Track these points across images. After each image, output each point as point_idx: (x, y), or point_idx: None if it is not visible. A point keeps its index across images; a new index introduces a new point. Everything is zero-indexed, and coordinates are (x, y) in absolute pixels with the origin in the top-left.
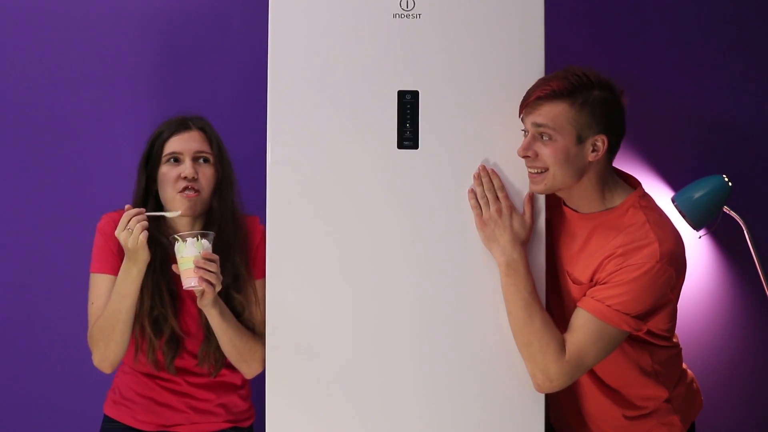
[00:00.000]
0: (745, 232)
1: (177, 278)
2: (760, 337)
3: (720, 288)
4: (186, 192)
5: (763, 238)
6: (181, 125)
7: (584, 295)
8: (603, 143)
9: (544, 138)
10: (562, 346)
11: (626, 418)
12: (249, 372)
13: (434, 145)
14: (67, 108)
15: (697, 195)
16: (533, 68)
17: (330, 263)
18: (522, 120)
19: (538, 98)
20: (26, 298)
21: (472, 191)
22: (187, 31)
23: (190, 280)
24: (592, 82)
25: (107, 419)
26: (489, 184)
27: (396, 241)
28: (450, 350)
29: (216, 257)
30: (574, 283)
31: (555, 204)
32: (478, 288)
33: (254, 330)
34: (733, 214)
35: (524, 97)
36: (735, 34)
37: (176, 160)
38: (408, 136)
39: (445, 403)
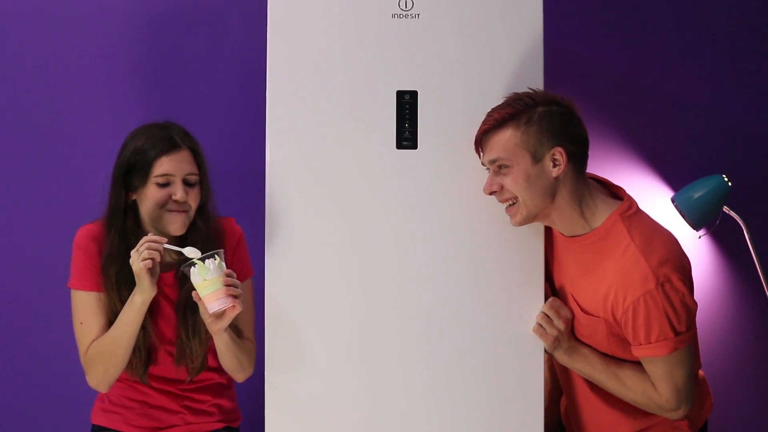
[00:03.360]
0: (745, 232)
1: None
2: (760, 337)
3: (720, 288)
4: (175, 213)
5: (763, 238)
6: (170, 144)
7: (610, 331)
8: (561, 155)
9: (503, 169)
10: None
11: None
12: (243, 376)
13: (433, 145)
14: (63, 109)
15: (697, 195)
16: (532, 68)
17: (329, 263)
18: (481, 160)
19: (485, 132)
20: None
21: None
22: (185, 31)
23: (219, 301)
24: (535, 101)
25: (96, 429)
26: (547, 319)
27: (395, 241)
28: (449, 350)
29: (234, 273)
30: (583, 311)
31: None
32: (478, 288)
33: (240, 333)
34: (733, 214)
35: (475, 135)
36: (735, 33)
37: (166, 182)
38: (407, 136)
39: (445, 404)
